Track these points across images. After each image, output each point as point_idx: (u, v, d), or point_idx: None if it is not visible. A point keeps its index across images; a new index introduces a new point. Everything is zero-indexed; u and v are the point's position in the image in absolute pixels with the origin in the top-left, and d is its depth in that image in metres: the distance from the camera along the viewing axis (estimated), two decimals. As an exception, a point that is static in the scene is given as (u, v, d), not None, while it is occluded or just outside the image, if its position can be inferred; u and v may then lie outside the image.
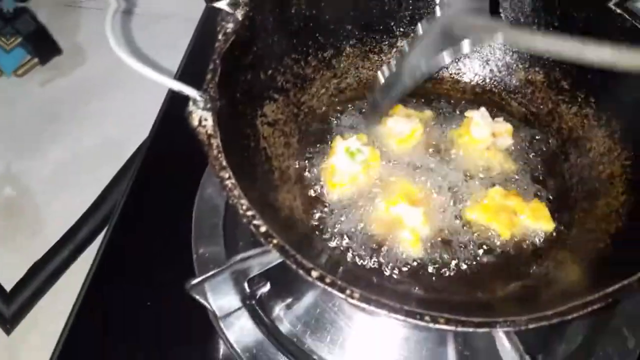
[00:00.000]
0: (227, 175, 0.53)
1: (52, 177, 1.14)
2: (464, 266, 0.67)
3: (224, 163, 0.53)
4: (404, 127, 0.77)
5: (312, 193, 0.73)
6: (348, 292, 0.47)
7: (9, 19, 1.17)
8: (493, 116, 0.79)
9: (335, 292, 0.47)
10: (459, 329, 0.45)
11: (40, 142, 1.18)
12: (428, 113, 0.81)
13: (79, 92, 1.27)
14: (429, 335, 0.71)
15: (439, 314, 0.45)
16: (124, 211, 0.85)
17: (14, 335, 0.95)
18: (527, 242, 0.69)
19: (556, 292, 0.60)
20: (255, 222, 0.50)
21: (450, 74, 0.85)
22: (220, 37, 0.63)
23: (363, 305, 0.47)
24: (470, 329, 0.45)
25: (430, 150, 0.78)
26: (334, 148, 0.74)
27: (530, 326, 0.46)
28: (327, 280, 0.48)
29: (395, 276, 0.66)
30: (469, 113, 0.79)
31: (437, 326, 0.45)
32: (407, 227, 0.69)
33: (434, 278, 0.66)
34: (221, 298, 0.68)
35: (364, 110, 0.81)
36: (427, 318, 0.45)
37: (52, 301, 0.99)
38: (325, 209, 0.71)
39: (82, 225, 1.02)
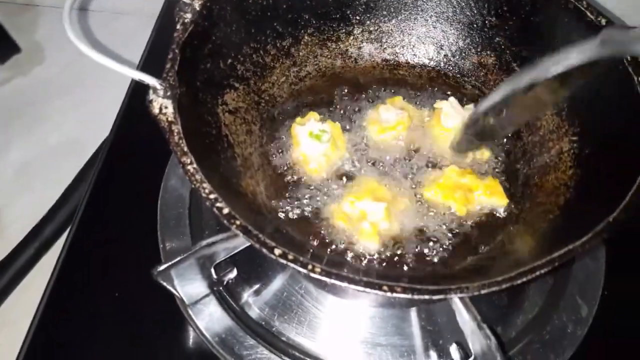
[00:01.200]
0: (188, 161, 0.54)
1: (14, 177, 1.12)
2: (423, 248, 0.69)
3: (186, 148, 0.54)
4: (390, 117, 0.79)
5: (275, 179, 0.75)
6: (310, 267, 0.49)
7: (-37, 17, 1.14)
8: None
9: (298, 267, 0.49)
10: (415, 296, 0.47)
11: (1, 141, 1.16)
12: (424, 112, 0.83)
13: (39, 90, 1.25)
14: (394, 313, 0.74)
15: (395, 283, 0.47)
16: (88, 206, 0.85)
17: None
18: (483, 218, 0.72)
19: (510, 262, 0.63)
20: (217, 204, 0.52)
21: (406, 60, 0.88)
22: (178, 27, 0.64)
23: (324, 278, 0.48)
24: (426, 296, 0.47)
25: (404, 142, 0.80)
26: (297, 137, 0.76)
27: (482, 291, 0.48)
28: (290, 257, 0.49)
29: (355, 262, 0.69)
30: (438, 104, 0.81)
31: (395, 295, 0.47)
32: (369, 220, 0.71)
33: (393, 261, 0.69)
34: (188, 285, 0.69)
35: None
36: (384, 287, 0.47)
37: (18, 302, 0.98)
38: (290, 195, 0.73)
39: (47, 224, 1.00)
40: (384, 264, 0.68)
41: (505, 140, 0.79)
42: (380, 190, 0.73)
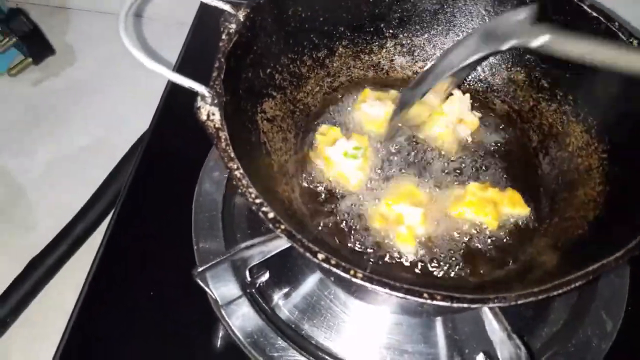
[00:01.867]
0: (236, 166, 0.56)
1: (44, 176, 1.15)
2: (456, 257, 0.71)
3: (232, 154, 0.56)
4: (378, 110, 0.81)
5: (310, 186, 0.77)
6: (352, 272, 0.50)
7: (4, 19, 1.18)
8: (475, 110, 0.84)
9: (340, 272, 0.51)
10: (455, 304, 0.49)
11: (33, 140, 1.19)
12: (393, 92, 0.86)
13: (70, 91, 1.29)
14: (420, 321, 0.75)
15: (435, 291, 0.49)
16: (124, 206, 0.87)
17: (8, 336, 0.96)
18: (512, 232, 0.73)
19: (539, 275, 0.65)
20: (264, 208, 0.54)
21: (438, 74, 0.90)
22: (224, 36, 0.66)
23: (366, 284, 0.50)
24: (465, 305, 0.49)
25: (407, 134, 0.83)
26: (330, 158, 0.77)
27: (519, 302, 0.50)
28: (333, 261, 0.51)
29: (391, 266, 0.70)
30: (455, 91, 0.83)
31: (434, 302, 0.49)
32: (405, 224, 0.72)
33: (428, 269, 0.70)
34: (223, 286, 0.71)
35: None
36: (425, 295, 0.49)
37: (49, 299, 1.00)
38: (324, 202, 0.75)
39: (78, 222, 1.03)
40: (419, 271, 0.70)
41: (533, 156, 0.81)
42: (417, 194, 0.75)
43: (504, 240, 0.72)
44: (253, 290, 0.75)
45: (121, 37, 0.60)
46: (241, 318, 0.72)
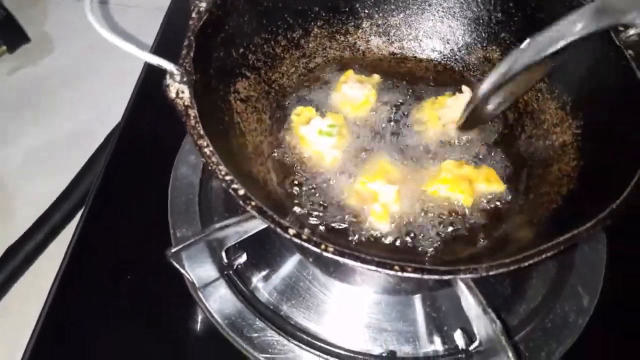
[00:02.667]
0: (205, 143, 0.55)
1: (23, 165, 1.14)
2: (431, 235, 0.71)
3: (202, 132, 0.56)
4: (357, 93, 0.81)
5: (285, 166, 0.76)
6: (323, 246, 0.50)
7: (-25, 7, 1.16)
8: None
9: (311, 247, 0.50)
10: (425, 276, 0.49)
11: (11, 129, 1.18)
12: (376, 77, 0.86)
13: (48, 80, 1.27)
14: (399, 299, 0.75)
15: (406, 264, 0.49)
16: (100, 191, 0.86)
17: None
18: (487, 208, 0.73)
19: (514, 250, 0.64)
20: (234, 185, 0.53)
21: (413, 54, 0.90)
22: (194, 15, 0.65)
23: (338, 258, 0.50)
24: (437, 276, 0.49)
25: (387, 117, 0.82)
26: (305, 137, 0.77)
27: (491, 272, 0.50)
28: (304, 236, 0.51)
29: (364, 243, 0.70)
30: (465, 88, 0.82)
31: (405, 274, 0.49)
32: (380, 202, 0.72)
33: (400, 248, 0.70)
34: (199, 268, 0.70)
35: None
36: (396, 267, 0.49)
37: (27, 286, 0.99)
38: (300, 181, 0.75)
39: (55, 210, 1.02)
40: (393, 246, 0.70)
41: (509, 134, 0.81)
42: (392, 172, 0.75)
43: (480, 217, 0.72)
44: (231, 272, 0.74)
45: (88, 18, 0.59)
46: (219, 300, 0.72)
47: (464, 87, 0.81)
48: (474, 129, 0.80)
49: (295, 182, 0.75)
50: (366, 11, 0.87)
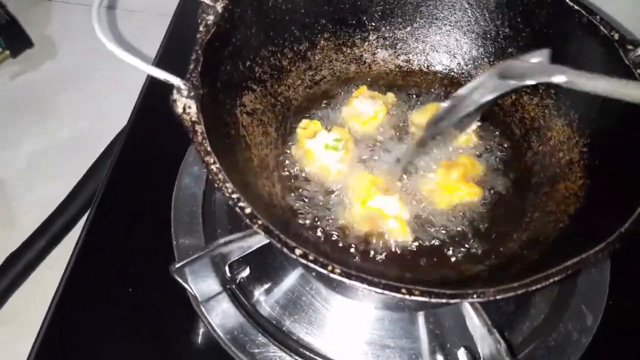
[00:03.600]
0: (212, 160, 0.55)
1: (25, 170, 1.13)
2: (438, 244, 0.71)
3: (209, 148, 0.55)
4: (367, 108, 0.81)
5: (291, 180, 0.76)
6: (330, 267, 0.50)
7: (-20, 11, 1.16)
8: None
9: (318, 268, 0.50)
10: (433, 299, 0.48)
11: (13, 134, 1.18)
12: (391, 96, 0.85)
13: (50, 84, 1.27)
14: (402, 316, 0.75)
15: (413, 286, 0.49)
16: (102, 200, 0.86)
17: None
18: (492, 224, 0.73)
19: (520, 269, 0.64)
20: (240, 204, 0.53)
21: (419, 67, 0.89)
22: (201, 28, 0.65)
23: (344, 280, 0.49)
24: (444, 300, 0.49)
25: (394, 132, 0.82)
26: (311, 151, 0.77)
27: (498, 297, 0.49)
28: (310, 257, 0.50)
29: (375, 260, 0.70)
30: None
31: (413, 297, 0.48)
32: (390, 216, 0.72)
33: (411, 260, 0.70)
34: (202, 282, 0.70)
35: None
36: (403, 290, 0.48)
37: (28, 293, 0.99)
38: (305, 195, 0.74)
39: (58, 216, 1.02)
40: (400, 262, 0.70)
41: (515, 150, 0.81)
42: (379, 182, 0.75)
43: (486, 235, 0.72)
44: (233, 286, 0.74)
45: (95, 29, 0.59)
46: (221, 314, 0.71)
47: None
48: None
49: (301, 196, 0.74)
50: (373, 24, 0.87)
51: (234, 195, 0.53)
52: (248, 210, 0.52)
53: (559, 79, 0.53)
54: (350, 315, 0.75)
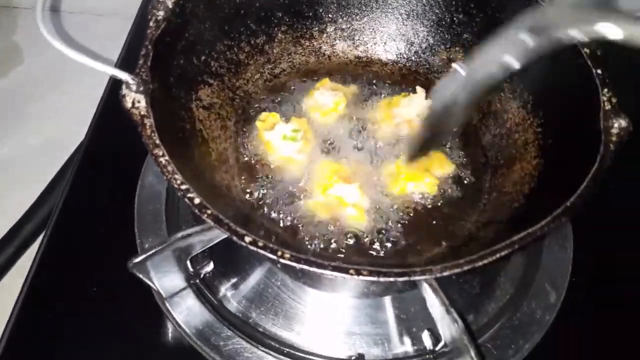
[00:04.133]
0: (160, 153, 0.55)
1: (-8, 177, 1.13)
2: (397, 235, 0.71)
3: (158, 141, 0.55)
4: (328, 99, 0.81)
5: (251, 172, 0.76)
6: (279, 253, 0.50)
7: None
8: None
9: (267, 254, 0.50)
10: (381, 278, 0.49)
11: (-21, 142, 1.17)
12: (353, 88, 0.86)
13: (19, 91, 1.26)
14: (368, 302, 0.76)
15: (361, 267, 0.49)
16: (66, 204, 0.85)
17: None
18: (451, 206, 0.74)
19: (475, 249, 0.65)
20: (189, 195, 0.53)
21: (378, 57, 0.90)
22: (151, 24, 0.65)
23: (293, 264, 0.50)
24: (391, 279, 0.49)
25: (354, 123, 0.83)
26: (270, 143, 0.77)
27: (445, 273, 0.50)
28: (260, 244, 0.51)
29: (334, 248, 0.71)
30: (419, 89, 0.83)
31: (361, 277, 0.49)
32: (349, 204, 0.73)
33: (372, 248, 0.71)
34: (165, 277, 0.69)
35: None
36: (351, 271, 0.49)
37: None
38: (265, 187, 0.75)
39: (25, 224, 1.01)
40: (360, 251, 0.71)
41: (473, 134, 0.82)
42: (346, 171, 0.75)
43: (444, 217, 0.73)
44: (198, 282, 0.74)
45: (39, 27, 0.59)
46: (186, 310, 0.71)
47: (418, 88, 0.82)
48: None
49: (261, 187, 0.75)
50: (330, 16, 0.87)
51: (183, 187, 0.53)
52: (197, 201, 0.53)
53: (614, 32, 0.40)
54: (317, 304, 0.75)
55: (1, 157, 1.16)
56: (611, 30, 0.41)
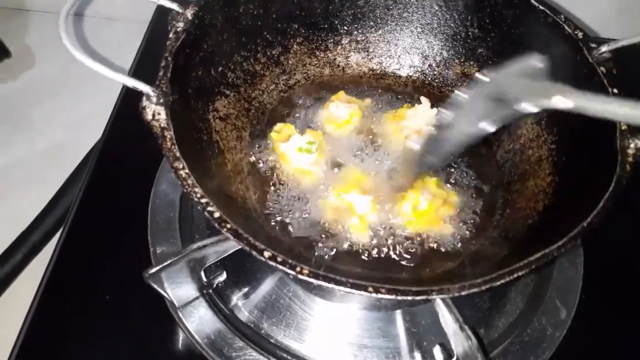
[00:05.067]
0: (181, 166, 0.55)
1: (1, 181, 1.13)
2: (407, 249, 0.72)
3: (178, 154, 0.56)
4: (343, 112, 0.82)
5: (265, 183, 0.76)
6: (298, 269, 0.50)
7: (-45, 21, 1.15)
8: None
9: (286, 270, 0.50)
10: (399, 297, 0.49)
11: (-11, 145, 1.17)
12: (367, 101, 0.87)
13: (29, 95, 1.26)
14: (379, 315, 0.76)
15: (380, 285, 0.49)
16: (79, 210, 0.86)
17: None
18: (464, 222, 0.74)
19: (489, 266, 0.65)
20: (209, 208, 0.53)
21: (392, 70, 0.91)
22: (171, 35, 0.65)
23: (312, 280, 0.50)
24: (409, 297, 0.49)
25: (368, 135, 0.83)
26: (285, 154, 0.78)
27: (463, 293, 0.50)
28: (279, 259, 0.51)
29: (342, 259, 0.71)
30: (423, 99, 0.84)
31: (379, 296, 0.49)
32: (357, 214, 0.73)
33: (379, 261, 0.71)
34: (178, 287, 0.70)
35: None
36: (370, 289, 0.49)
37: (6, 307, 0.98)
38: (279, 198, 0.75)
39: (35, 229, 1.01)
40: (373, 260, 0.71)
41: (487, 149, 0.82)
42: (364, 181, 0.76)
43: (457, 232, 0.73)
44: (210, 292, 0.74)
45: (62, 37, 0.59)
46: (198, 320, 0.72)
47: (423, 98, 0.83)
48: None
49: (275, 199, 0.75)
50: (345, 28, 0.88)
51: (203, 200, 0.54)
52: (217, 215, 0.53)
53: (564, 103, 0.46)
54: (328, 316, 0.76)
55: (8, 160, 1.16)
56: (564, 103, 0.46)
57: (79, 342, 0.75)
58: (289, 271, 0.50)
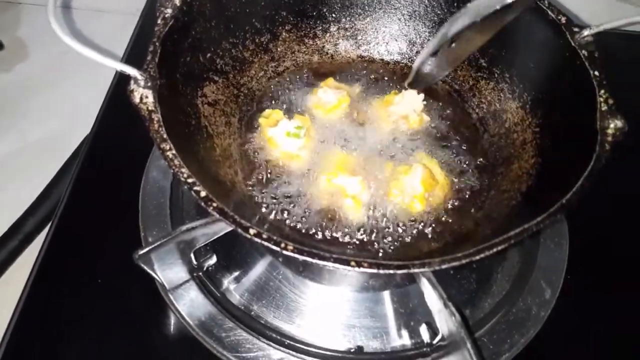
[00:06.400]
0: (168, 147, 0.56)
1: (-4, 172, 1.13)
2: (398, 228, 0.73)
3: (165, 135, 0.57)
4: (331, 97, 0.83)
5: (254, 168, 0.78)
6: (282, 245, 0.52)
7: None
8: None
9: (271, 246, 0.52)
10: (381, 271, 0.50)
11: (-17, 137, 1.18)
12: (356, 87, 0.88)
13: (22, 86, 1.27)
14: (368, 296, 0.77)
15: (362, 259, 0.51)
16: (71, 197, 0.87)
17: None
18: (450, 204, 0.75)
19: (474, 244, 0.66)
20: (195, 188, 0.54)
21: (380, 56, 0.92)
22: (159, 21, 0.66)
23: (297, 255, 0.51)
24: (391, 271, 0.51)
25: (356, 121, 0.84)
26: (273, 139, 0.79)
27: (443, 266, 0.52)
28: (264, 236, 0.52)
29: (336, 240, 0.72)
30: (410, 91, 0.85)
31: (362, 269, 0.50)
32: (349, 195, 0.75)
33: (370, 240, 0.72)
34: (169, 269, 0.71)
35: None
36: (352, 263, 0.50)
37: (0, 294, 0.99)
38: (268, 182, 0.76)
39: (29, 217, 1.02)
40: (361, 242, 0.72)
41: (473, 133, 0.84)
42: (352, 162, 0.78)
43: (443, 214, 0.74)
44: (201, 274, 0.76)
45: (50, 22, 0.60)
46: (189, 302, 0.73)
47: (410, 90, 0.84)
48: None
49: (264, 183, 0.76)
50: (333, 15, 0.89)
51: (190, 180, 0.55)
52: (203, 194, 0.54)
53: None
54: (317, 297, 0.77)
55: (2, 151, 1.17)
56: None
57: (72, 325, 0.76)
58: (274, 247, 0.52)
